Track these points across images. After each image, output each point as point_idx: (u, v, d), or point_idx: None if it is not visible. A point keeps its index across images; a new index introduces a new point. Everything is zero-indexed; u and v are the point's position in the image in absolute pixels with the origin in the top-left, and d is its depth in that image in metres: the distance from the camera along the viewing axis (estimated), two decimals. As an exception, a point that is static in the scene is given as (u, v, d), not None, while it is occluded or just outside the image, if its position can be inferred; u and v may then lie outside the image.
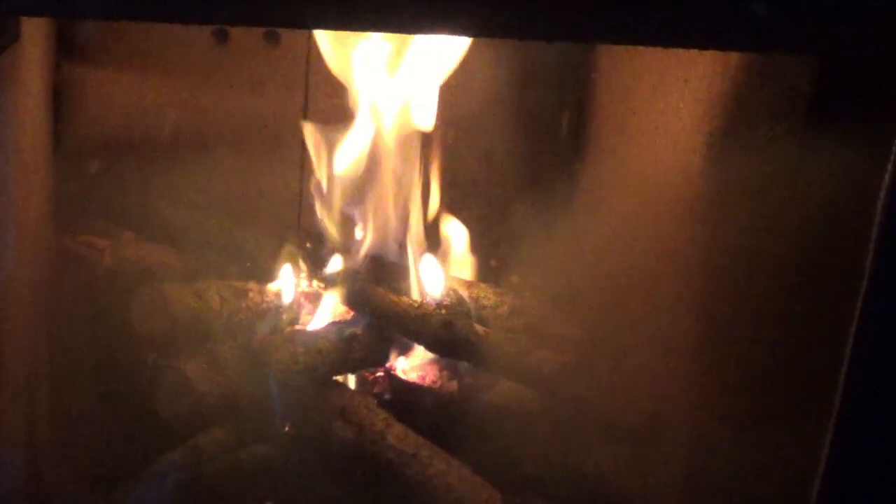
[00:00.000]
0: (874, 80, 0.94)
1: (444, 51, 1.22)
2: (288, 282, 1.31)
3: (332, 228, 1.30)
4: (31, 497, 1.13)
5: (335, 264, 1.30)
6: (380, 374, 1.28)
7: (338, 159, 1.27)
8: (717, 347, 1.12)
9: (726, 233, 1.11)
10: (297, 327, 1.28)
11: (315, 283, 1.31)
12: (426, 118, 1.25)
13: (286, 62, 1.38)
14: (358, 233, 1.31)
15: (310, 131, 1.28)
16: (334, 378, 1.23)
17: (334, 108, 1.29)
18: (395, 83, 1.24)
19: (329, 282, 1.29)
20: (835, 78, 1.00)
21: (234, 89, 1.39)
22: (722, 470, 1.09)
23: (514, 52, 1.28)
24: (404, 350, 1.28)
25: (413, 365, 1.28)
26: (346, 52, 1.23)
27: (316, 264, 1.31)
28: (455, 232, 1.35)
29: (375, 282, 1.27)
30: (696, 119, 1.14)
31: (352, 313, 1.29)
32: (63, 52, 1.29)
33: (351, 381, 1.27)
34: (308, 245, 1.31)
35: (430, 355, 1.26)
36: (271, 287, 1.31)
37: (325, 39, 1.22)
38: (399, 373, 1.28)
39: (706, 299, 1.13)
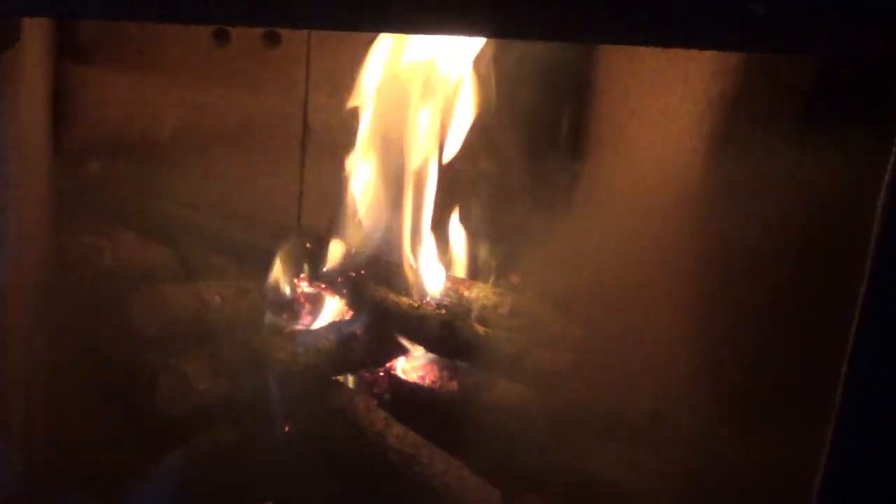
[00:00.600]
0: (874, 80, 0.94)
1: (444, 51, 1.22)
2: (288, 282, 1.31)
3: (333, 228, 1.30)
4: (30, 497, 1.13)
5: (336, 264, 1.30)
6: (380, 374, 1.28)
7: (340, 160, 1.27)
8: (717, 347, 1.12)
9: (726, 233, 1.11)
10: (297, 327, 1.28)
11: (315, 283, 1.31)
12: (425, 118, 1.25)
13: (286, 62, 1.38)
14: (359, 233, 1.30)
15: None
16: (334, 378, 1.23)
17: (334, 109, 1.29)
18: (395, 84, 1.24)
19: (329, 282, 1.29)
20: (835, 78, 1.00)
21: (234, 89, 1.39)
22: (722, 470, 1.09)
23: (514, 52, 1.28)
24: (404, 350, 1.28)
25: (413, 365, 1.28)
26: (349, 53, 1.23)
27: (316, 264, 1.31)
28: (455, 232, 1.35)
29: (375, 282, 1.27)
30: (696, 119, 1.14)
31: (352, 313, 1.29)
32: (63, 52, 1.28)
33: (351, 381, 1.27)
34: (308, 245, 1.31)
35: (430, 355, 1.26)
36: (271, 287, 1.31)
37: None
38: (399, 373, 1.28)
39: (706, 299, 1.13)
